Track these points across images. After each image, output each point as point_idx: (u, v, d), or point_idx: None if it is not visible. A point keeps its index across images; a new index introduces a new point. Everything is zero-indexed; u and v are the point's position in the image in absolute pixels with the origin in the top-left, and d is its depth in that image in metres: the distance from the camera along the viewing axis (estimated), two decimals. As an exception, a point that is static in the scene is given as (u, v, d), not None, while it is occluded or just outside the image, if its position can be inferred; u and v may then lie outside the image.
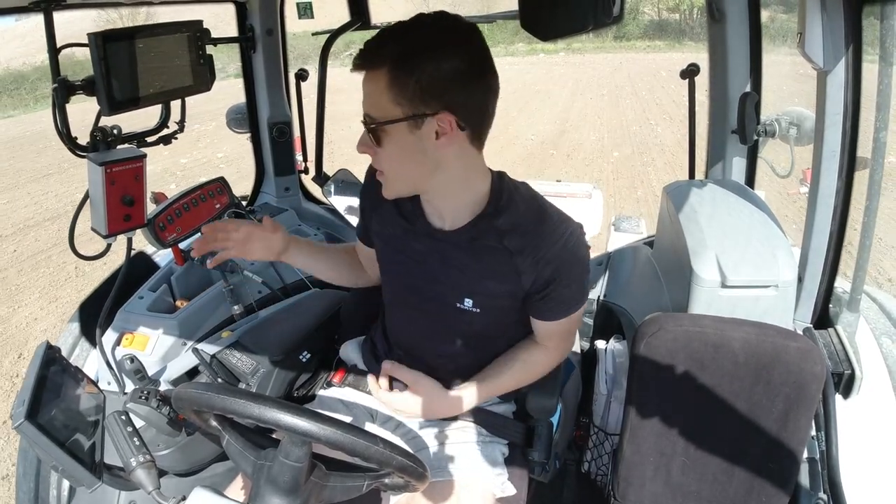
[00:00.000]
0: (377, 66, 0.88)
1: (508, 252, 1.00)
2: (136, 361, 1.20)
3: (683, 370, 1.14)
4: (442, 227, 1.05)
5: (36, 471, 1.38)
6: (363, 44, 0.90)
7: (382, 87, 0.88)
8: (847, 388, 1.19)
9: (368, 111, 0.92)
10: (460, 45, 0.89)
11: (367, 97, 0.92)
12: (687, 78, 1.72)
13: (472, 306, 1.05)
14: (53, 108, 1.09)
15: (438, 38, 0.89)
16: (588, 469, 1.56)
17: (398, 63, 0.87)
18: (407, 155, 0.94)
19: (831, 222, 1.21)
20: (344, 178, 2.21)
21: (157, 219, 1.30)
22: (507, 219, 1.00)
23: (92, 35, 1.06)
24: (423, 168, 0.95)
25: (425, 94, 0.88)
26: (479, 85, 0.91)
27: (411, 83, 0.87)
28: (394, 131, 0.91)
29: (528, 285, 1.02)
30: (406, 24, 0.90)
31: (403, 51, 0.87)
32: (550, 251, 0.99)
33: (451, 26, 0.90)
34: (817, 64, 1.10)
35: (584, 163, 6.94)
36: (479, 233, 1.02)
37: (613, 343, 1.60)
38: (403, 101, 0.88)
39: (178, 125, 1.36)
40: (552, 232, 1.00)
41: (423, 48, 0.87)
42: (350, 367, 1.28)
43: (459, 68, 0.88)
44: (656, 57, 18.08)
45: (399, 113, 0.89)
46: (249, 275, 1.62)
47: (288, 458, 0.76)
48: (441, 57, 0.87)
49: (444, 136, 0.91)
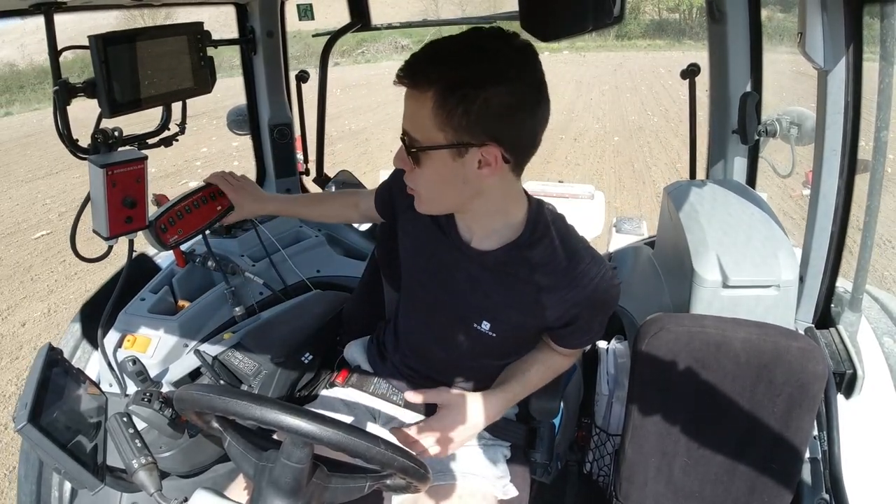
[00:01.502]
0: (423, 88, 0.82)
1: (537, 287, 0.99)
2: (137, 363, 1.20)
3: (685, 370, 1.13)
4: (473, 243, 1.02)
5: (38, 473, 1.38)
6: (410, 56, 0.85)
7: (427, 110, 0.83)
8: (849, 387, 1.19)
9: (409, 130, 0.87)
10: (516, 75, 0.82)
11: (410, 116, 0.87)
12: (687, 78, 1.72)
13: (489, 330, 1.03)
14: (54, 111, 1.09)
15: (492, 67, 0.81)
16: (590, 470, 1.56)
17: (447, 89, 0.81)
18: (446, 180, 0.90)
19: (832, 222, 1.21)
20: (345, 179, 2.22)
21: (158, 221, 1.29)
22: (541, 252, 0.98)
23: (93, 37, 1.06)
24: (462, 194, 0.92)
25: (472, 126, 0.82)
26: (531, 118, 0.86)
27: (458, 112, 0.82)
28: (435, 155, 0.86)
29: (551, 320, 1.01)
30: (459, 43, 0.83)
31: (454, 77, 0.81)
32: (581, 294, 0.97)
33: (508, 51, 0.83)
34: (818, 64, 1.10)
35: (590, 145, 7.89)
36: (511, 261, 0.99)
37: (615, 343, 1.60)
38: (448, 128, 0.83)
39: (179, 127, 1.36)
40: (584, 274, 0.97)
41: (476, 75, 0.81)
42: (354, 367, 1.29)
43: (511, 102, 0.82)
44: (656, 55, 18.75)
45: (442, 139, 0.84)
46: (251, 276, 1.63)
47: (290, 460, 0.76)
48: (493, 88, 0.81)
49: (488, 166, 0.87)
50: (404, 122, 0.88)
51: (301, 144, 2.17)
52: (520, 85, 0.83)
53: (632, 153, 7.35)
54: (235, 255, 1.68)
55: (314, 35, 2.07)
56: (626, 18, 1.04)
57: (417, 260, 1.11)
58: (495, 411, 1.05)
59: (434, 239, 1.06)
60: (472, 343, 1.07)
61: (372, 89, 13.81)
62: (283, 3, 1.90)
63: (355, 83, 14.93)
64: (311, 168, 2.23)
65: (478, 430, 1.05)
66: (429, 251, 1.07)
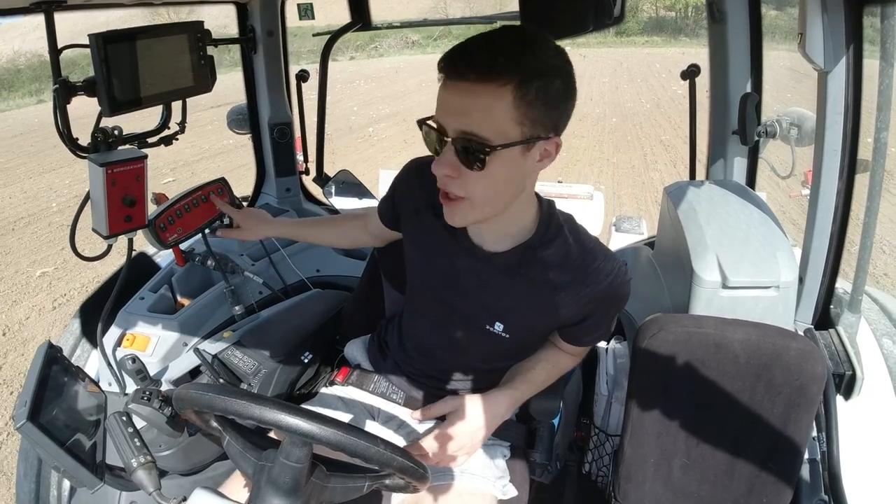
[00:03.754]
0: (500, 80, 0.78)
1: (551, 286, 0.98)
2: (137, 362, 1.20)
3: (684, 371, 1.13)
4: (485, 247, 1.01)
5: (37, 471, 1.38)
6: (461, 52, 0.80)
7: (506, 104, 0.79)
8: (848, 388, 1.19)
9: (475, 131, 0.80)
10: (565, 65, 0.83)
11: (476, 114, 0.80)
12: (688, 79, 1.72)
13: (502, 331, 1.03)
14: (54, 109, 1.09)
15: (553, 55, 0.81)
16: (589, 470, 1.56)
17: (527, 80, 0.78)
18: (509, 179, 0.86)
19: (832, 223, 1.21)
20: (344, 178, 2.22)
21: (157, 219, 1.29)
22: (555, 252, 0.97)
23: (93, 36, 1.06)
24: (514, 193, 0.90)
25: (547, 116, 0.81)
26: (573, 106, 0.86)
27: (538, 103, 0.80)
28: (506, 154, 0.82)
29: (565, 318, 1.01)
30: (511, 35, 0.82)
31: (531, 67, 0.79)
32: (595, 290, 0.97)
33: (552, 43, 0.83)
34: (818, 65, 1.10)
35: (592, 124, 9.48)
36: (524, 262, 0.98)
37: (614, 344, 1.60)
38: (527, 121, 0.80)
39: (179, 126, 1.36)
40: (599, 271, 0.97)
41: (546, 65, 0.80)
42: (353, 366, 1.29)
43: (566, 91, 0.83)
44: (653, 52, 20.06)
45: (518, 134, 0.81)
46: (250, 275, 1.62)
47: (289, 459, 0.76)
48: (555, 75, 0.81)
49: (546, 158, 0.86)
50: (460, 121, 0.81)
51: (301, 144, 2.16)
52: (568, 75, 0.83)
53: (626, 130, 8.98)
54: (235, 254, 1.68)
55: (314, 35, 2.07)
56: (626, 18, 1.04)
57: (426, 265, 1.10)
58: (504, 410, 1.05)
59: (444, 244, 1.04)
60: (484, 345, 1.07)
61: (393, 80, 15.67)
62: (284, 2, 1.90)
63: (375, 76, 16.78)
64: (311, 168, 2.23)
65: (491, 431, 1.05)
66: (438, 256, 1.06)
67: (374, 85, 15.01)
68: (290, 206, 2.08)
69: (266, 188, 2.13)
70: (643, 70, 15.51)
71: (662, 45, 21.64)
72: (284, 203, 2.09)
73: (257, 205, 2.08)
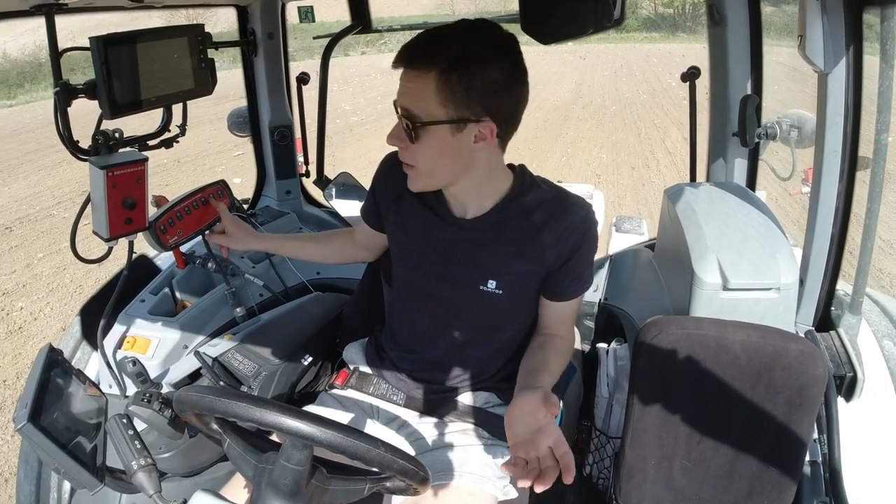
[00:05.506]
0: (427, 68, 0.91)
1: (534, 229, 1.04)
2: (137, 364, 1.20)
3: (685, 372, 1.13)
4: (467, 215, 1.08)
5: (37, 473, 1.38)
6: (407, 43, 0.94)
7: (431, 88, 0.91)
8: (849, 390, 1.19)
9: (409, 107, 0.94)
10: (506, 56, 0.93)
11: (410, 94, 0.94)
12: (688, 81, 1.72)
13: (495, 288, 1.07)
14: (55, 112, 1.10)
15: (486, 46, 0.92)
16: (590, 472, 1.56)
17: (450, 66, 0.90)
18: (443, 153, 0.97)
19: (832, 224, 1.21)
20: (345, 181, 2.21)
21: (158, 222, 1.30)
22: (532, 197, 1.06)
23: (93, 39, 1.06)
24: (457, 167, 1.00)
25: (472, 100, 0.92)
26: (518, 94, 0.96)
27: (460, 88, 0.91)
28: (435, 130, 0.94)
29: (551, 259, 1.05)
30: (453, 28, 0.94)
31: (455, 55, 0.90)
32: (573, 221, 1.04)
33: (495, 35, 0.94)
34: (818, 66, 1.10)
35: (594, 111, 10.68)
36: (506, 216, 1.06)
37: (615, 346, 1.60)
38: (450, 104, 0.92)
39: (180, 129, 1.36)
40: (573, 205, 1.05)
41: (475, 54, 0.91)
42: (353, 368, 1.29)
43: (503, 77, 0.92)
44: (651, 47, 21.26)
45: (443, 115, 0.93)
46: (251, 278, 1.63)
47: (289, 462, 0.76)
48: (489, 64, 0.91)
49: (483, 140, 0.96)
50: (402, 100, 0.95)
51: (301, 146, 2.17)
52: (510, 64, 0.93)
53: (624, 115, 10.22)
54: (235, 257, 1.68)
55: (315, 38, 2.07)
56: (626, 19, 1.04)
57: (416, 247, 1.13)
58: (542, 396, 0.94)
59: (428, 221, 1.11)
60: (479, 309, 1.10)
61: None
62: (284, 5, 1.91)
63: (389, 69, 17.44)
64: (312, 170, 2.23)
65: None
66: (423, 236, 1.12)
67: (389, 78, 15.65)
68: (291, 209, 2.08)
69: (266, 190, 2.13)
70: (641, 65, 16.63)
71: (661, 40, 22.60)
72: (285, 205, 2.10)
73: (258, 207, 2.08)
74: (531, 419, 0.89)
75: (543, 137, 8.53)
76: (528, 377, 1.05)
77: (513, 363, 1.14)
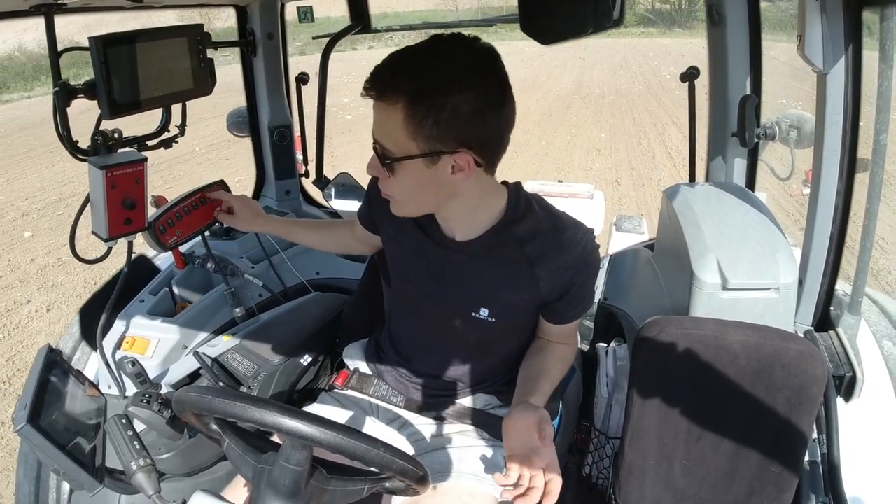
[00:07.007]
0: (392, 100, 0.83)
1: (528, 261, 1.00)
2: (136, 365, 1.20)
3: (684, 372, 1.13)
4: (457, 238, 1.03)
5: (36, 474, 1.38)
6: (374, 69, 0.86)
7: (398, 121, 0.84)
8: (848, 390, 1.19)
9: (381, 141, 0.89)
10: (479, 79, 0.84)
11: (380, 127, 0.88)
12: (687, 81, 1.72)
13: (487, 316, 1.04)
14: (54, 112, 1.09)
15: (457, 73, 0.83)
16: (589, 472, 1.55)
17: (415, 99, 0.82)
18: (421, 186, 0.92)
19: (832, 224, 1.21)
20: (344, 181, 2.21)
21: (157, 222, 1.30)
22: (527, 226, 1.00)
23: (93, 39, 1.06)
24: (438, 197, 0.95)
25: (443, 133, 0.84)
26: (497, 119, 0.88)
27: (429, 122, 0.83)
28: (409, 164, 0.88)
29: (546, 292, 1.01)
30: (422, 52, 0.85)
31: (421, 86, 0.82)
32: (570, 258, 1.00)
33: (470, 57, 0.84)
34: (817, 66, 1.10)
35: (593, 101, 11.48)
36: (498, 241, 1.00)
37: (614, 345, 1.60)
38: (420, 138, 0.85)
39: (179, 129, 1.36)
40: (570, 239, 1.00)
41: (442, 84, 0.82)
42: (353, 369, 1.28)
43: (478, 105, 0.84)
44: (648, 42, 21.79)
45: (415, 149, 0.86)
46: (250, 278, 1.62)
47: (288, 462, 0.76)
48: (459, 93, 0.83)
49: (461, 171, 0.89)
50: (375, 131, 0.89)
51: (301, 146, 2.16)
52: (483, 89, 0.85)
53: (621, 104, 11.07)
54: (235, 257, 1.68)
55: (314, 38, 2.07)
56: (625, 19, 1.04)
57: (409, 262, 1.11)
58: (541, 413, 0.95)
59: (418, 240, 1.07)
60: (473, 334, 1.08)
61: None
62: (283, 5, 1.90)
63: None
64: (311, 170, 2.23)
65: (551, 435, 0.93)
66: (415, 252, 1.08)
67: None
68: (290, 209, 2.08)
69: (266, 191, 2.13)
70: (638, 59, 17.24)
71: (658, 35, 22.93)
72: (284, 206, 2.10)
73: None
74: (528, 436, 0.91)
75: (549, 122, 9.49)
76: (526, 383, 1.06)
77: (515, 370, 1.13)
